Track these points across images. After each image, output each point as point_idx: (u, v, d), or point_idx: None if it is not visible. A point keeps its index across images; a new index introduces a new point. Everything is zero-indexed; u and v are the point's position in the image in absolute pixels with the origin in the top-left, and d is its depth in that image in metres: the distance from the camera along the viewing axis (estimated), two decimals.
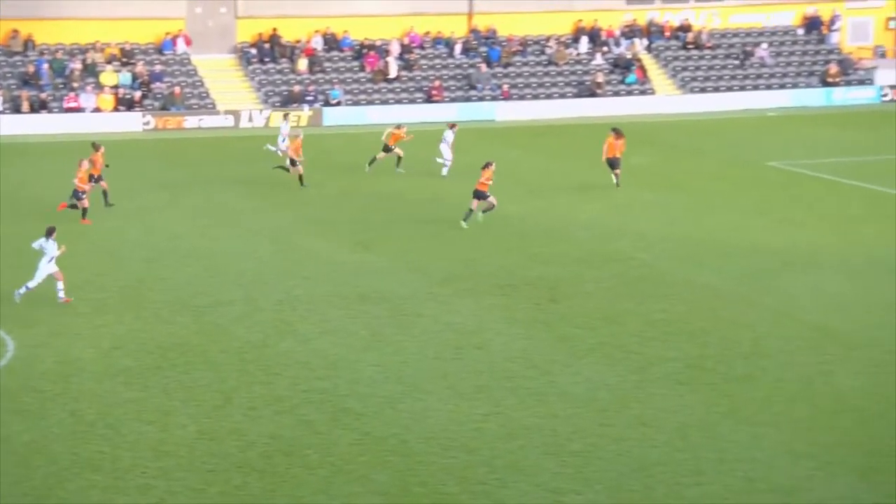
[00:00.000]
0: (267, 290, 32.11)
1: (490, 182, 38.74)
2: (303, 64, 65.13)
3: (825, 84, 66.10)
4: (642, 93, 65.71)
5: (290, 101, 63.06)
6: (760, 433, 22.84)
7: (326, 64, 65.70)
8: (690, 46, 68.12)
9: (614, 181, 44.29)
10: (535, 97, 65.06)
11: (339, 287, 32.25)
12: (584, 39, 67.62)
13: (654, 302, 31.04)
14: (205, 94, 63.35)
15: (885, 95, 65.48)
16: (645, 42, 68.20)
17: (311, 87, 63.65)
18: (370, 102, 64.13)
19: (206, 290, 31.91)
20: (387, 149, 47.90)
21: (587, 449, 22.22)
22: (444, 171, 47.35)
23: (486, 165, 38.91)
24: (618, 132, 45.07)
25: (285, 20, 65.92)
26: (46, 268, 30.45)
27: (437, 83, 64.45)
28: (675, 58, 67.86)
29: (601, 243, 37.04)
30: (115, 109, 61.47)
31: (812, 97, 65.21)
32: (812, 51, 68.52)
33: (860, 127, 58.47)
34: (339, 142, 57.01)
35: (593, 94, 64.90)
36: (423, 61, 66.26)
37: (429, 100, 64.12)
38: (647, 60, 67.51)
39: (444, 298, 31.53)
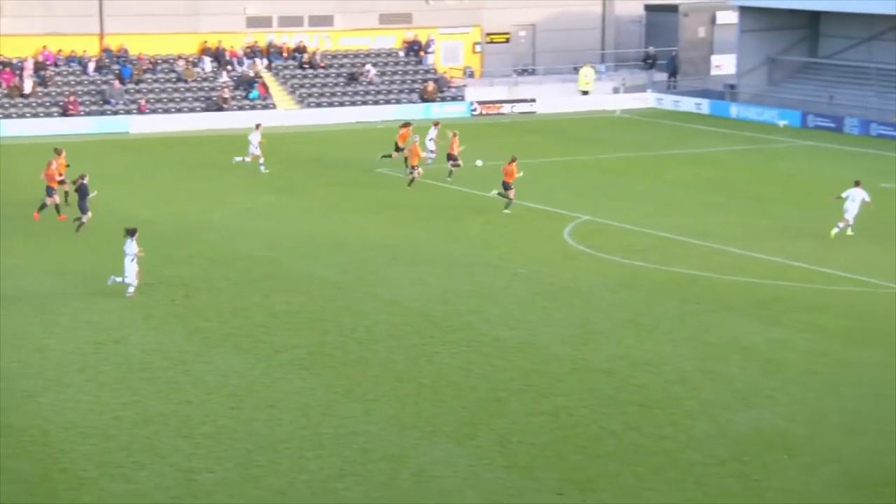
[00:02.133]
0: None
1: (517, 175, 40.85)
2: None
3: (424, 100, 67.89)
4: (265, 107, 65.66)
5: None
6: (373, 409, 23.28)
7: None
8: (306, 66, 68.57)
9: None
10: (167, 111, 63.96)
11: None
12: (210, 59, 67.02)
13: (278, 295, 31.10)
14: None
15: (474, 110, 67.82)
16: (265, 61, 68.23)
17: None
18: (7, 116, 61.35)
19: None
20: (398, 148, 49.05)
21: (218, 431, 22.06)
22: (429, 162, 49.04)
23: (512, 160, 40.97)
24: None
25: None
26: (131, 266, 30.18)
27: (71, 98, 62.34)
28: (293, 76, 68.16)
29: (230, 244, 36.79)
30: None
31: (413, 111, 66.78)
32: (412, 70, 70.24)
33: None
34: None
35: (220, 109, 64.41)
36: (57, 78, 63.94)
37: (65, 113, 61.93)
38: (269, 78, 67.53)
39: (85, 298, 30.59)
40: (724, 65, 73.24)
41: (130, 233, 30.41)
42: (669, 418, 22.85)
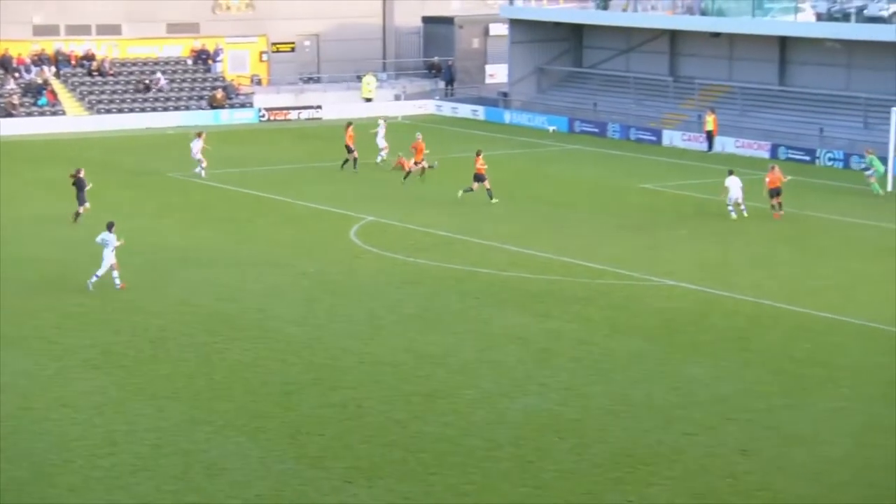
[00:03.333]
0: None
1: (485, 166, 42.35)
2: None
3: (213, 107, 66.88)
4: (54, 114, 63.62)
5: None
6: (165, 406, 22.81)
7: None
8: (95, 73, 66.72)
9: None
10: None
11: None
12: None
13: (70, 297, 30.19)
14: None
15: (262, 116, 67.19)
16: (53, 69, 66.11)
17: None
18: None
19: None
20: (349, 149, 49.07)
21: (9, 431, 21.25)
22: (378, 159, 50.39)
23: (478, 154, 42.77)
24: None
25: None
26: (109, 257, 30.05)
27: None
28: (82, 83, 66.22)
29: (19, 247, 35.45)
30: None
31: (203, 118, 65.72)
32: (201, 78, 69.11)
33: (243, 142, 59.64)
34: None
35: (9, 115, 62.08)
36: None
37: None
38: (57, 85, 65.42)
39: None
40: (497, 74, 74.47)
41: (109, 226, 30.73)
42: (451, 407, 23.09)
